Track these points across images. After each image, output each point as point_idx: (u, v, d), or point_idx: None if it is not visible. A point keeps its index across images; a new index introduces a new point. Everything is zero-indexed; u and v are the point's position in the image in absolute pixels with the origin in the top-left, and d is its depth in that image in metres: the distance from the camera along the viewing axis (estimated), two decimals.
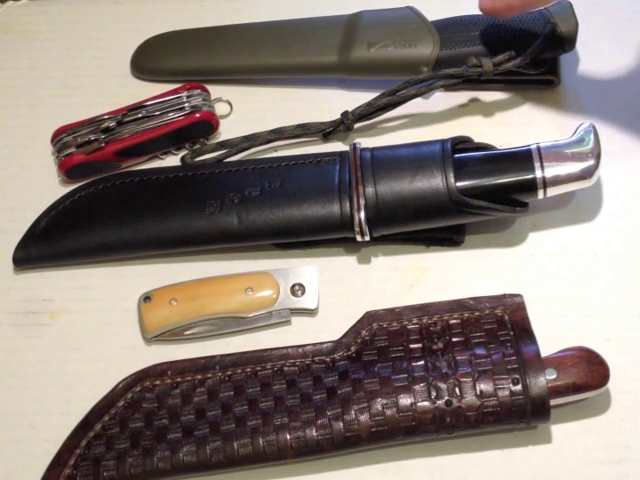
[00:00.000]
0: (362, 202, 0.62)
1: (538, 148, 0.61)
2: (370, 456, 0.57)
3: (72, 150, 0.68)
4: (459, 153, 0.63)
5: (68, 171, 0.68)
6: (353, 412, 0.56)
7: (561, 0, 0.70)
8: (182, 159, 0.70)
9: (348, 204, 0.62)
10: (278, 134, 0.69)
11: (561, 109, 0.70)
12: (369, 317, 0.60)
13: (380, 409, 0.56)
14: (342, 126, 0.68)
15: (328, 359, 0.59)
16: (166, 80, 0.73)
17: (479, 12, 0.67)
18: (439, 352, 0.58)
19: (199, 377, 0.59)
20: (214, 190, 0.65)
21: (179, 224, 0.64)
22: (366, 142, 0.66)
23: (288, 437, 0.56)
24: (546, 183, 0.61)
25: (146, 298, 0.63)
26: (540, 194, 0.61)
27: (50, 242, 0.65)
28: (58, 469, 0.57)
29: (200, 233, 0.64)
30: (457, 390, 0.56)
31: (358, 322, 0.60)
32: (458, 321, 0.59)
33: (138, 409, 0.58)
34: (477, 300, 0.60)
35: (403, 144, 0.65)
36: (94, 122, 0.69)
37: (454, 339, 0.58)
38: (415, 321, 0.59)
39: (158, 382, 0.59)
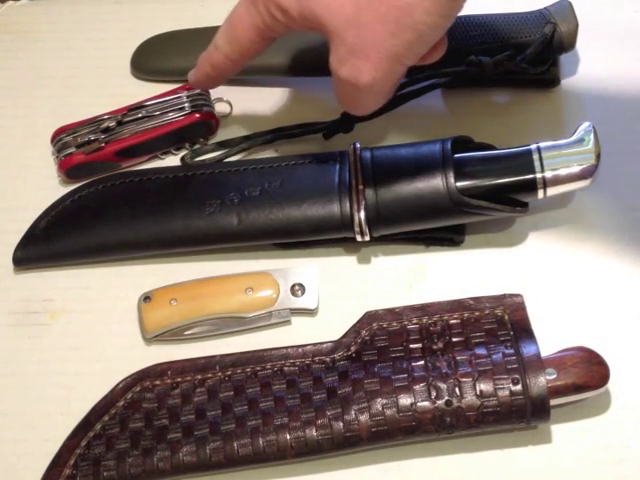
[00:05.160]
0: (362, 202, 0.62)
1: (538, 148, 0.61)
2: (370, 456, 0.57)
3: (72, 150, 0.68)
4: (459, 153, 0.63)
5: (68, 171, 0.68)
6: (353, 412, 0.56)
7: (561, 0, 0.70)
8: (182, 159, 0.70)
9: (348, 204, 0.62)
10: (278, 134, 0.69)
11: (561, 109, 0.70)
12: (369, 317, 0.60)
13: (380, 409, 0.56)
14: (342, 126, 0.68)
15: (328, 359, 0.59)
16: (166, 80, 0.73)
17: (480, 12, 0.67)
18: (439, 352, 0.57)
19: (199, 377, 0.59)
20: (214, 190, 0.65)
21: (179, 224, 0.64)
22: (366, 142, 0.65)
23: (288, 437, 0.56)
24: (546, 183, 0.61)
25: (146, 298, 0.63)
26: (540, 194, 0.61)
27: (50, 242, 0.65)
28: (58, 469, 0.57)
29: (200, 233, 0.64)
30: (457, 390, 0.56)
31: (358, 322, 0.60)
32: (458, 321, 0.59)
33: (138, 409, 0.58)
34: (477, 300, 0.60)
35: (403, 144, 0.65)
36: (94, 122, 0.69)
37: (454, 339, 0.58)
38: (415, 321, 0.59)
39: (158, 382, 0.59)
